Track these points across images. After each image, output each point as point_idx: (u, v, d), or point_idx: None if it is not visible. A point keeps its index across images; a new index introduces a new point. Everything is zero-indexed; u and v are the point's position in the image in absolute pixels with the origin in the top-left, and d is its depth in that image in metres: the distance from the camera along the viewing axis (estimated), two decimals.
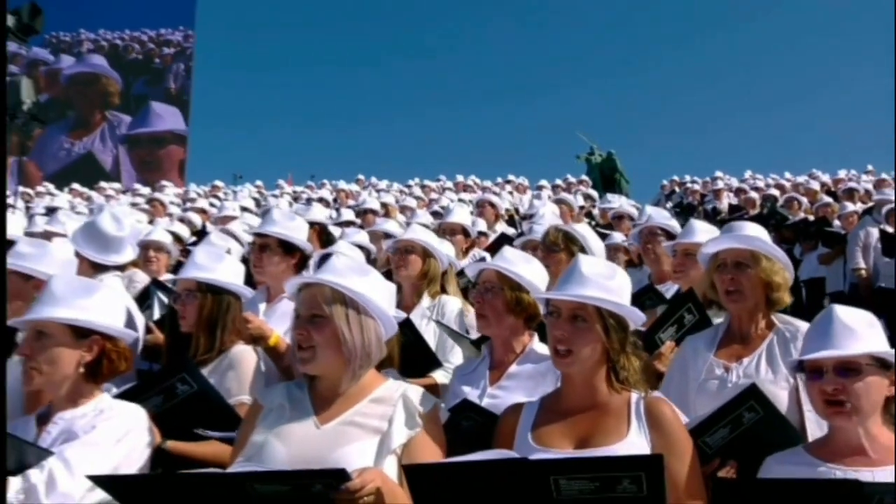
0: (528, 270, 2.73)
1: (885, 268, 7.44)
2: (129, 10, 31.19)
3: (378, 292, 2.15)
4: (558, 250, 3.91)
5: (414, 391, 2.13)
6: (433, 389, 3.28)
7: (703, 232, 3.48)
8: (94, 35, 31.57)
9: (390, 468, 1.97)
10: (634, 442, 2.02)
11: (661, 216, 4.37)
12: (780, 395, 2.35)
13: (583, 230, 4.07)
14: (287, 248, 3.48)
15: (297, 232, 3.55)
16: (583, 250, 3.88)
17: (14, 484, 1.96)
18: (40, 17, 14.04)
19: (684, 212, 13.31)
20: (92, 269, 3.79)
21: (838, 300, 7.91)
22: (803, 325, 2.51)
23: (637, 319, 2.17)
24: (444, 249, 4.00)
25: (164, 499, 1.79)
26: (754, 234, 2.73)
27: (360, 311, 2.10)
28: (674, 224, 4.21)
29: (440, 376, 3.33)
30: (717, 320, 3.02)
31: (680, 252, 3.51)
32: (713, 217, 11.88)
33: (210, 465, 2.34)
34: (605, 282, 2.13)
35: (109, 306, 2.31)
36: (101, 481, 1.84)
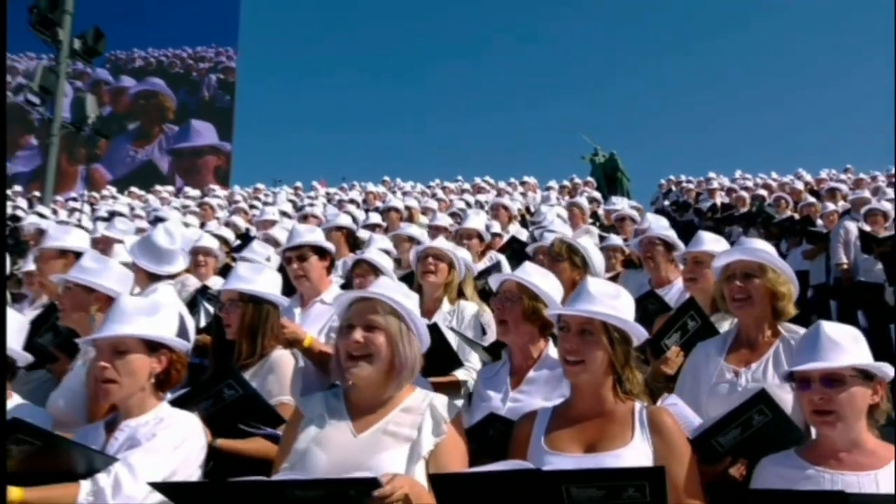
0: (546, 283, 2.72)
1: (864, 263, 7.34)
2: (173, 31, 32.81)
3: (417, 311, 2.17)
4: (562, 260, 3.93)
5: (439, 400, 2.12)
6: (455, 386, 3.33)
7: (710, 241, 3.44)
8: (144, 53, 33.02)
9: (420, 473, 1.96)
10: (638, 447, 2.00)
11: (660, 226, 4.37)
12: (786, 399, 2.29)
13: (585, 243, 4.08)
14: (320, 252, 3.61)
15: (322, 238, 3.71)
16: (584, 260, 3.95)
17: (84, 487, 1.98)
18: (103, 40, 14.23)
19: (680, 209, 13.18)
20: (148, 278, 3.81)
21: (821, 291, 7.86)
22: None
23: (640, 335, 2.15)
24: (461, 255, 4.02)
25: (215, 502, 1.80)
26: (762, 247, 2.69)
27: (408, 325, 2.10)
28: (671, 234, 4.19)
29: (461, 374, 3.37)
30: (724, 325, 2.99)
31: (690, 260, 3.46)
32: (706, 214, 11.79)
33: (255, 461, 2.35)
34: (610, 301, 2.13)
35: (173, 321, 2.36)
36: (160, 487, 1.85)
